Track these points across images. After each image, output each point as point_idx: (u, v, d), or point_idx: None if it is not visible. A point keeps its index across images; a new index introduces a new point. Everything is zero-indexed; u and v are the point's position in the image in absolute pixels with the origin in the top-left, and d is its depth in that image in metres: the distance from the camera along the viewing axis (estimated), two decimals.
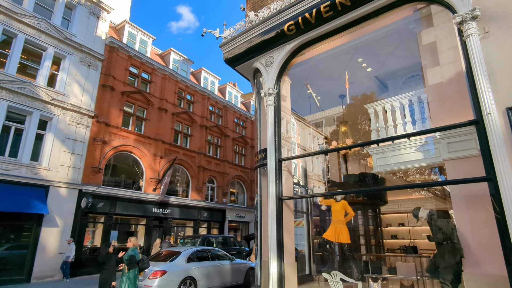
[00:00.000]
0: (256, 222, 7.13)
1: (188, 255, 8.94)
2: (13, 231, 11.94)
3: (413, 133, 5.41)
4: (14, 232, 11.99)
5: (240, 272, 10.21)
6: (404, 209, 11.75)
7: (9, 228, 11.80)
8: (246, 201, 24.71)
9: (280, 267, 5.78)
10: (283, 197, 6.19)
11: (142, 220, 16.84)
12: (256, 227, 7.18)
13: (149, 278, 7.81)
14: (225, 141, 23.28)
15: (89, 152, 14.57)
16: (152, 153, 17.50)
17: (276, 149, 6.43)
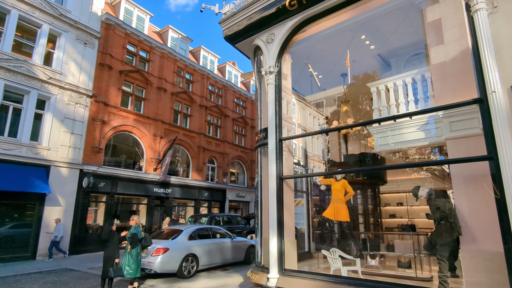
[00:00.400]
0: (257, 201, 7.21)
1: (190, 233, 9.10)
2: (16, 210, 12.10)
3: (415, 112, 5.35)
4: (18, 211, 12.15)
5: (240, 249, 10.44)
6: (403, 189, 11.87)
7: (12, 207, 11.95)
8: (246, 181, 24.94)
9: (280, 244, 5.89)
10: (283, 176, 6.21)
11: (144, 200, 17.05)
12: (256, 206, 7.26)
13: (152, 255, 7.98)
14: (225, 121, 23.18)
15: (89, 132, 14.53)
16: (152, 133, 17.46)
17: (277, 128, 6.39)
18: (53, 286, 7.71)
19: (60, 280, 8.44)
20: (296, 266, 6.14)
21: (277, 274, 5.74)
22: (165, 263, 7.98)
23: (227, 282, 7.74)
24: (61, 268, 10.32)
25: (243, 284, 7.46)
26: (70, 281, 8.31)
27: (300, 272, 5.68)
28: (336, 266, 5.84)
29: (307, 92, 11.54)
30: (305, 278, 5.47)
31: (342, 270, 5.52)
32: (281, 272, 5.77)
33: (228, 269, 9.75)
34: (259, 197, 7.11)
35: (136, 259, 6.78)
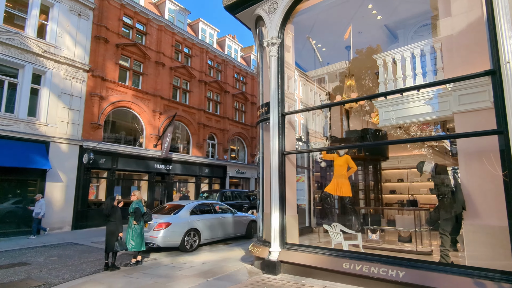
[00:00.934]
0: (258, 177, 7.17)
1: (191, 208, 9.16)
2: (18, 186, 12.13)
3: (423, 84, 5.16)
4: (20, 187, 12.19)
5: (241, 224, 10.56)
6: (404, 165, 11.86)
7: (14, 183, 11.98)
8: (246, 157, 24.98)
9: (282, 219, 5.90)
10: (285, 152, 6.12)
11: (145, 176, 17.12)
12: (258, 182, 7.23)
13: (154, 230, 8.06)
14: (225, 97, 22.85)
15: (87, 107, 14.31)
16: (151, 109, 17.23)
17: (279, 103, 6.22)
18: (58, 259, 7.84)
19: (64, 253, 8.58)
20: (298, 241, 6.19)
21: (279, 248, 5.78)
22: (168, 238, 8.08)
23: (229, 256, 7.86)
24: (65, 242, 10.49)
25: (244, 257, 7.57)
26: (74, 254, 8.45)
27: (301, 246, 5.72)
28: (337, 240, 5.88)
29: (309, 68, 11.22)
30: (307, 252, 5.52)
31: (344, 244, 5.56)
32: (283, 246, 5.82)
33: (230, 243, 9.91)
34: (260, 173, 7.06)
35: (139, 233, 6.84)
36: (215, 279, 5.65)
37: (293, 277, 5.49)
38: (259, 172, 7.07)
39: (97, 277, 5.96)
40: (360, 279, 4.73)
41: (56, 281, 5.82)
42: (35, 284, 5.69)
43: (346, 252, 5.17)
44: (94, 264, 7.25)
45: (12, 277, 6.13)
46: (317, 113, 11.55)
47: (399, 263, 4.52)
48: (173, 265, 6.85)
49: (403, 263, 4.51)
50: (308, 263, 5.33)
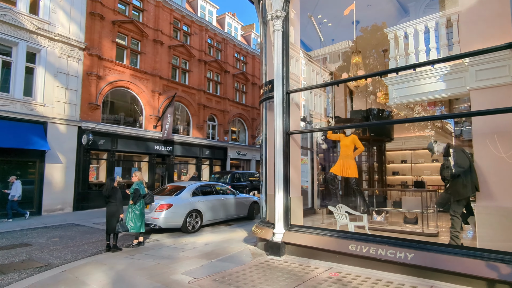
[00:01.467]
0: (261, 158, 6.98)
1: (193, 189, 9.04)
2: (18, 167, 11.99)
3: (438, 59, 4.85)
4: (19, 168, 12.04)
5: (243, 205, 10.49)
6: (407, 147, 11.69)
7: (13, 164, 11.83)
8: (247, 139, 24.78)
9: (286, 200, 5.75)
10: (290, 132, 5.90)
11: (145, 157, 16.98)
12: (261, 163, 7.05)
13: (156, 211, 7.97)
14: (225, 77, 22.36)
15: (84, 87, 13.96)
16: (150, 90, 16.86)
17: (284, 80, 5.93)
18: (60, 240, 7.79)
19: (66, 234, 8.53)
20: (302, 222, 6.08)
21: (283, 229, 5.68)
22: (169, 219, 8.00)
23: (231, 237, 7.80)
24: (67, 223, 10.46)
25: (247, 238, 7.51)
26: (76, 235, 8.40)
27: (306, 228, 5.61)
28: (342, 222, 5.77)
29: (312, 47, 10.80)
30: (312, 233, 5.41)
31: (349, 225, 5.44)
32: (287, 228, 5.71)
33: (232, 224, 9.87)
34: (263, 153, 6.87)
35: (139, 215, 6.73)
36: (218, 260, 5.58)
37: (298, 259, 5.41)
38: (262, 153, 6.88)
39: (99, 258, 5.89)
40: (367, 261, 4.63)
41: (57, 262, 5.75)
42: (36, 265, 5.63)
43: (353, 233, 5.05)
44: (95, 245, 7.20)
45: (13, 258, 6.06)
46: (319, 95, 11.23)
47: (407, 245, 4.40)
48: (176, 246, 6.79)
49: (412, 245, 4.39)
50: (313, 245, 5.22)
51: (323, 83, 5.63)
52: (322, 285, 4.19)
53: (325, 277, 4.50)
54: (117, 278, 4.70)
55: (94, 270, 5.14)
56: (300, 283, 4.26)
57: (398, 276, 4.35)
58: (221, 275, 4.71)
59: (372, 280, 4.30)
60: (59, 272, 5.06)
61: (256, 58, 25.86)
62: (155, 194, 9.00)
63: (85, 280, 4.65)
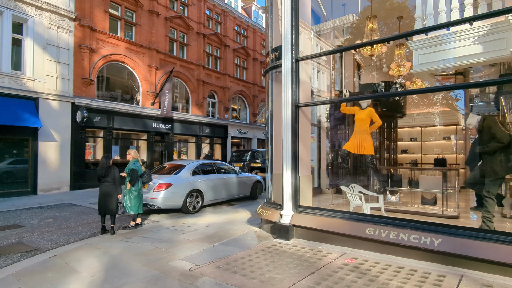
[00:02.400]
0: (267, 135, 6.44)
1: (193, 168, 8.56)
2: (10, 145, 11.48)
3: (478, 15, 4.16)
4: (12, 146, 11.55)
5: (246, 185, 10.06)
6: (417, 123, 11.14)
7: (5, 142, 11.31)
8: (248, 117, 24.12)
9: (295, 180, 5.26)
10: (300, 104, 5.31)
11: (143, 135, 16.43)
12: (266, 140, 6.52)
13: (154, 191, 7.52)
14: (225, 52, 21.40)
15: (77, 61, 13.19)
16: (147, 64, 16.05)
17: (293, 46, 5.28)
18: (54, 221, 7.39)
19: (61, 215, 8.14)
20: (312, 203, 5.62)
21: (291, 211, 5.23)
22: (169, 199, 7.57)
23: (234, 217, 7.40)
24: (63, 203, 10.08)
25: (251, 219, 7.11)
26: (71, 216, 8.01)
27: (316, 209, 5.16)
28: (356, 203, 5.32)
29: (315, 21, 9.93)
30: (323, 215, 4.96)
31: (364, 207, 4.99)
32: (296, 209, 5.26)
33: (234, 204, 9.49)
34: (269, 129, 6.32)
35: (136, 196, 6.28)
36: (222, 244, 5.17)
37: (307, 242, 4.99)
38: (268, 128, 6.33)
39: (93, 241, 5.48)
40: (386, 246, 4.20)
41: (48, 246, 5.34)
42: (25, 249, 5.22)
43: (369, 216, 4.60)
44: (91, 226, 6.79)
45: (1, 242, 5.66)
46: (322, 71, 10.49)
47: (433, 229, 3.95)
48: (175, 228, 6.38)
49: (438, 229, 3.93)
50: (325, 228, 4.79)
51: (339, 48, 4.90)
52: (338, 273, 3.77)
53: (340, 263, 4.08)
54: (111, 265, 4.28)
55: (87, 255, 4.73)
56: (314, 271, 3.84)
57: (422, 263, 3.93)
58: (225, 261, 4.29)
59: (393, 267, 3.88)
60: (48, 257, 4.65)
61: (257, 32, 24.71)
62: (153, 173, 8.53)
63: (75, 266, 4.23)
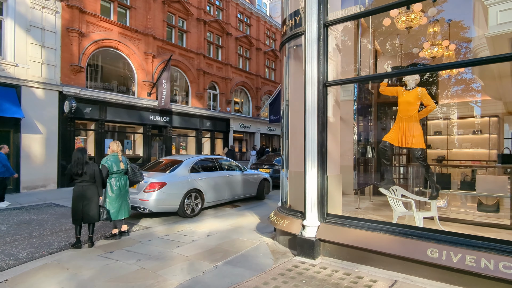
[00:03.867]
0: (282, 125, 5.25)
1: (192, 164, 7.37)
2: None
3: None
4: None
5: (252, 183, 8.88)
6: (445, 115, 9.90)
7: None
8: (251, 110, 22.88)
9: (322, 181, 4.07)
10: (328, 82, 4.10)
11: (139, 128, 15.22)
12: (281, 131, 5.33)
13: (145, 191, 6.34)
14: (227, 40, 20.10)
15: (64, 46, 11.95)
16: (143, 51, 14.79)
17: (320, 6, 4.04)
18: (27, 226, 6.22)
19: (37, 218, 6.97)
20: (341, 210, 4.43)
21: (316, 221, 4.04)
22: (162, 201, 6.39)
23: (240, 223, 6.23)
24: (46, 202, 8.91)
25: (260, 226, 5.94)
26: (49, 219, 6.84)
27: (350, 219, 3.96)
28: (400, 210, 4.12)
29: None
30: (360, 228, 3.77)
31: (416, 217, 3.79)
32: (323, 219, 4.07)
33: (239, 206, 8.31)
34: (285, 117, 5.13)
35: (115, 198, 5.10)
36: (227, 263, 3.99)
37: (340, 263, 3.81)
38: (284, 116, 5.13)
39: (63, 258, 4.31)
40: (459, 275, 3.01)
41: (3, 264, 4.16)
42: None
43: (428, 231, 3.40)
44: (67, 235, 5.62)
45: None
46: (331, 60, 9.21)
47: None
48: (169, 238, 5.21)
49: None
50: (364, 245, 3.61)
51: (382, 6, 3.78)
52: None
53: None
54: None
55: (48, 280, 3.56)
56: None
57: None
58: None
59: None
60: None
61: (261, 20, 23.37)
62: (146, 170, 7.35)
63: None
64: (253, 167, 12.07)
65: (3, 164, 8.24)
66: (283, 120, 5.28)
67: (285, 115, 5.14)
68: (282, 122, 5.26)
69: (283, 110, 5.34)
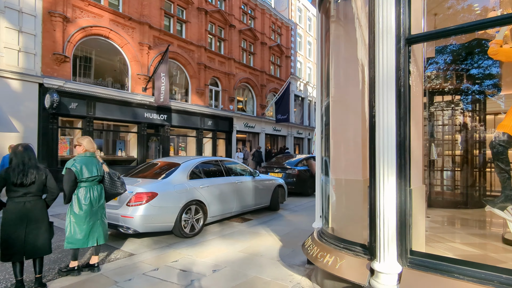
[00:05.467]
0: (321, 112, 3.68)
1: (191, 168, 5.79)
2: None
3: None
4: None
5: (265, 191, 7.29)
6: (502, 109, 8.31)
7: None
8: (255, 109, 21.33)
9: (404, 197, 2.49)
10: (412, 37, 2.53)
11: (133, 127, 13.66)
12: (318, 120, 3.77)
13: (129, 205, 4.76)
14: (230, 33, 18.58)
15: (46, 32, 10.43)
16: (137, 41, 13.26)
17: None
18: None
19: None
20: (424, 246, 2.85)
21: (396, 264, 2.46)
22: (152, 217, 4.81)
23: (256, 248, 4.65)
24: None
25: (285, 253, 4.38)
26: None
27: (452, 263, 2.37)
28: None
29: None
30: (469, 279, 2.19)
31: None
32: (405, 260, 2.49)
33: (249, 219, 6.73)
34: (323, 108, 3.58)
35: (85, 217, 3.54)
36: None
37: None
38: (321, 106, 3.57)
39: None
40: None
41: None
42: None
43: None
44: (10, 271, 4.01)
45: None
46: None
47: None
48: (158, 276, 3.62)
49: None
50: None
51: None
52: None
53: None
54: None
55: None
56: None
57: None
58: None
59: None
60: None
61: (266, 13, 21.87)
62: (132, 176, 5.77)
63: None
64: (262, 171, 10.48)
65: None
66: (320, 111, 3.74)
67: (323, 104, 3.59)
68: (321, 114, 3.71)
69: (320, 97, 3.79)
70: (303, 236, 5.11)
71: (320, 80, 3.89)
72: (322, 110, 3.79)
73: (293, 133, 25.59)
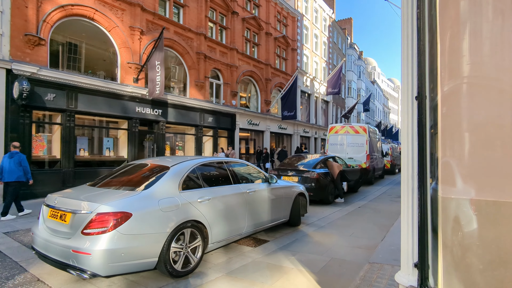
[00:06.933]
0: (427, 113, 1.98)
1: (185, 173, 4.07)
2: None
3: None
4: None
5: (284, 202, 5.58)
6: None
7: None
8: (260, 105, 19.64)
9: None
10: None
11: (123, 123, 11.95)
12: (433, 124, 2.06)
13: (86, 233, 3.05)
14: (233, 21, 16.89)
15: (16, 8, 8.75)
16: (127, 25, 11.57)
17: None
18: None
19: None
20: None
21: None
22: (122, 253, 3.09)
23: None
24: None
25: None
26: None
27: None
28: None
29: None
30: None
31: None
32: None
33: (264, 241, 5.03)
34: (429, 97, 1.89)
35: None
36: None
37: None
38: (425, 95, 1.89)
39: None
40: None
41: None
42: None
43: None
44: None
45: None
46: None
47: None
48: None
49: None
50: None
51: None
52: None
53: None
54: None
55: None
56: None
57: None
58: None
59: None
60: None
61: (271, 1, 20.19)
62: (93, 185, 4.05)
63: None
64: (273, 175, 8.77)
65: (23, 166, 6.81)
66: (425, 100, 2.06)
67: (427, 91, 1.92)
68: (431, 104, 2.03)
69: (421, 80, 2.11)
70: (348, 274, 3.42)
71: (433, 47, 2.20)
72: (424, 92, 2.09)
73: (299, 131, 23.90)
